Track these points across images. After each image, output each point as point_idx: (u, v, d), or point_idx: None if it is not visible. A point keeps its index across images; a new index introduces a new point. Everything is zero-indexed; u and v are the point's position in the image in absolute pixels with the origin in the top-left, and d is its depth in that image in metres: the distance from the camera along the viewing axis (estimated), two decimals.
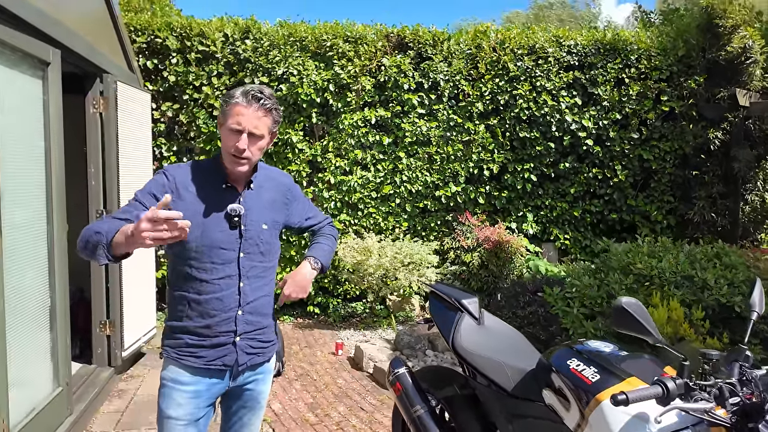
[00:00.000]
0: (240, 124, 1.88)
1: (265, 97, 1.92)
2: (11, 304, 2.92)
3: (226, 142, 1.92)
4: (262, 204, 2.06)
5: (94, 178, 4.46)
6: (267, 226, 2.05)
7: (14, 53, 2.98)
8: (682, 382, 1.55)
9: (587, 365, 1.89)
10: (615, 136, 6.73)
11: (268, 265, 2.08)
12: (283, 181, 2.19)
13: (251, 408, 2.17)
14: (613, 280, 4.57)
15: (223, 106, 1.94)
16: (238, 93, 1.91)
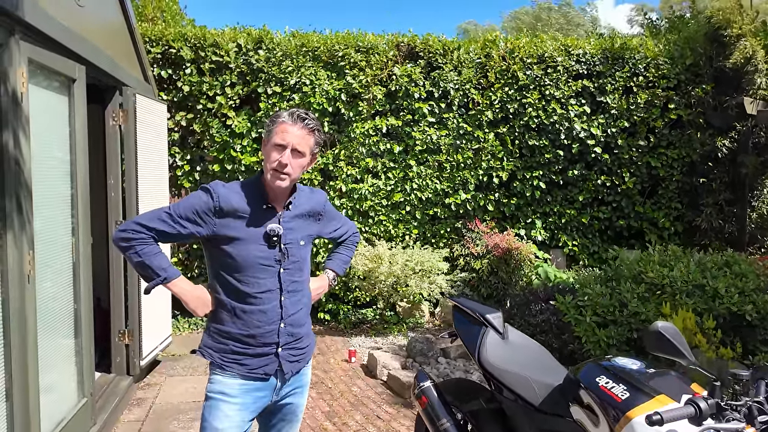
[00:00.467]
0: (284, 140, 1.99)
1: (309, 118, 2.05)
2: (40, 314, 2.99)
3: (270, 158, 2.01)
4: (299, 224, 2.15)
5: (113, 189, 4.53)
6: (303, 243, 2.16)
7: (43, 71, 3.04)
8: (714, 402, 1.60)
9: (616, 382, 1.95)
10: (623, 144, 6.79)
11: (304, 277, 2.20)
12: (318, 198, 2.28)
13: (289, 421, 2.26)
14: (625, 289, 4.63)
15: (269, 126, 2.06)
16: (284, 113, 2.04)
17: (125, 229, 1.98)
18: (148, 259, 1.98)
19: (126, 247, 1.98)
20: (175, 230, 2.00)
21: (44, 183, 3.08)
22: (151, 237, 1.99)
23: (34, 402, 2.77)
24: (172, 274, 2.03)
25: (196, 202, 2.01)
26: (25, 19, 2.59)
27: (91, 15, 3.79)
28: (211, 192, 2.01)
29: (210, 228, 2.00)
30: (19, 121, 2.63)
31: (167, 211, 2.01)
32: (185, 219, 1.99)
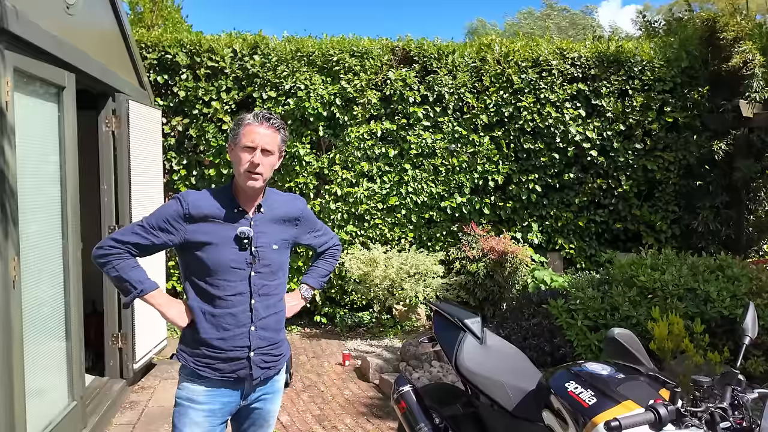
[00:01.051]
0: (253, 141, 2.04)
1: (274, 117, 2.10)
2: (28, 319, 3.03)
3: (241, 160, 2.05)
4: (272, 226, 2.17)
5: (106, 195, 4.57)
6: (277, 247, 2.17)
7: (31, 80, 3.09)
8: (674, 408, 1.61)
9: (585, 388, 1.96)
10: (619, 147, 6.78)
11: (278, 282, 2.20)
12: (295, 203, 2.30)
13: (260, 426, 2.27)
14: (617, 293, 4.63)
15: (235, 130, 2.10)
16: (249, 116, 2.10)
17: (101, 246, 2.04)
18: (124, 273, 2.03)
19: (103, 263, 2.04)
20: (148, 241, 2.04)
21: (33, 189, 3.13)
22: (126, 251, 2.05)
23: (20, 407, 2.80)
24: (149, 286, 2.07)
25: (166, 211, 2.05)
26: (9, 29, 2.64)
27: (82, 23, 3.83)
28: (180, 200, 2.05)
29: (181, 235, 2.04)
30: (4, 129, 2.67)
31: (140, 224, 2.06)
32: (157, 229, 2.04)
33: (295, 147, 6.39)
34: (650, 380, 1.96)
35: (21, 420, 2.81)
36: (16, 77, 2.83)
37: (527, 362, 2.56)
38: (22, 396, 2.83)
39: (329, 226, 6.45)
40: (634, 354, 1.67)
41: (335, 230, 6.53)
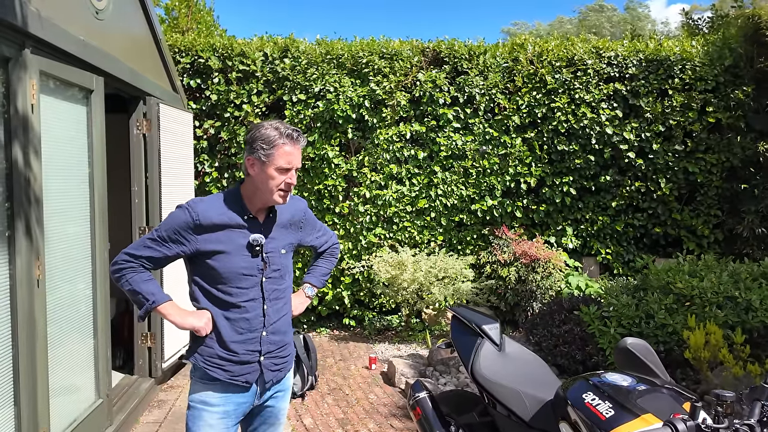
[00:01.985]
0: (290, 162, 2.04)
1: (299, 132, 2.09)
2: (54, 318, 3.09)
3: (275, 180, 2.03)
4: (279, 231, 2.17)
5: (137, 196, 4.66)
6: (285, 251, 2.18)
7: (60, 83, 3.16)
8: (693, 423, 1.51)
9: (602, 400, 1.86)
10: (658, 149, 6.54)
11: (286, 285, 2.21)
12: (298, 206, 2.29)
13: (271, 424, 2.27)
14: (652, 300, 4.45)
15: (264, 149, 2.02)
16: (280, 135, 2.02)
17: (116, 261, 2.07)
18: (137, 286, 2.04)
19: (118, 278, 2.06)
20: (161, 253, 2.05)
21: (61, 190, 3.20)
22: (140, 265, 2.06)
23: (43, 403, 2.86)
24: (161, 299, 2.06)
25: (175, 222, 2.03)
26: (34, 34, 2.70)
27: (112, 28, 3.91)
28: (189, 210, 2.03)
29: (193, 245, 2.03)
30: (29, 131, 2.74)
31: (151, 237, 2.06)
32: (169, 240, 2.04)
33: (324, 149, 6.40)
34: (674, 393, 1.85)
35: (44, 416, 2.87)
36: (42, 80, 2.90)
37: (547, 371, 2.46)
38: (45, 393, 2.88)
39: (358, 228, 6.47)
40: (647, 365, 1.57)
41: (364, 233, 6.51)
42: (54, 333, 3.06)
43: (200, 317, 2.05)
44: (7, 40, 2.58)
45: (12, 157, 2.63)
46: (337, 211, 6.53)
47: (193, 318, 2.05)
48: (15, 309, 2.67)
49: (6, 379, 2.65)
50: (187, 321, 2.04)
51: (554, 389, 2.23)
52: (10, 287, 2.66)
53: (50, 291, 3.01)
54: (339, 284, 6.65)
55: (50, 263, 3.01)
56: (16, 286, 2.66)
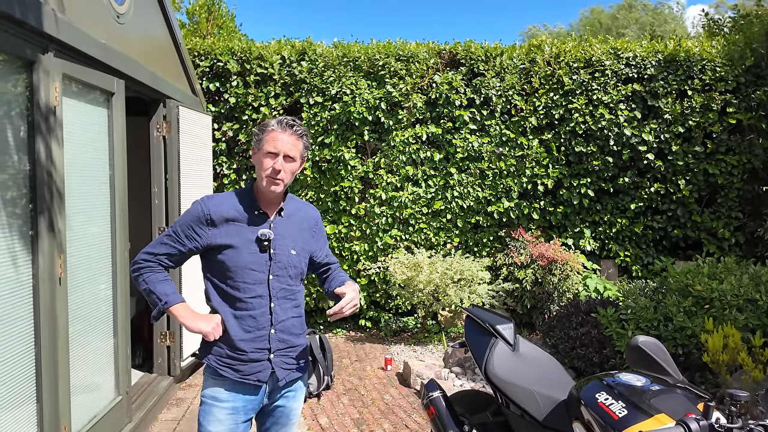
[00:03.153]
0: (276, 147, 2.06)
1: (297, 124, 2.11)
2: (76, 316, 3.16)
3: (263, 165, 2.07)
4: (291, 231, 2.18)
5: (157, 197, 4.73)
6: (295, 252, 2.18)
7: (82, 86, 3.24)
8: (707, 423, 1.50)
9: (616, 400, 1.85)
10: (678, 150, 6.47)
11: (296, 288, 2.21)
12: (311, 213, 2.31)
13: (284, 425, 2.27)
14: (671, 302, 4.41)
15: (258, 135, 2.12)
16: (273, 122, 2.10)
17: (135, 261, 2.12)
18: (152, 286, 2.08)
19: (136, 277, 2.11)
20: (176, 250, 2.10)
21: (82, 190, 3.27)
22: (157, 263, 2.11)
23: (65, 401, 2.92)
24: (173, 300, 2.08)
25: (188, 217, 2.09)
26: (57, 37, 2.77)
27: (133, 32, 3.99)
28: (201, 205, 2.08)
29: (205, 240, 2.07)
30: (52, 133, 2.80)
31: (167, 234, 2.11)
32: (183, 236, 2.08)
33: (340, 151, 6.43)
34: (688, 393, 1.84)
35: (65, 412, 2.93)
36: (65, 83, 2.97)
37: (561, 371, 2.46)
38: (66, 389, 2.95)
39: (374, 230, 6.50)
40: (659, 363, 1.56)
41: (380, 234, 6.53)
42: (75, 331, 3.13)
43: (209, 322, 2.06)
44: (31, 44, 2.65)
45: (35, 158, 2.70)
46: (353, 212, 6.56)
47: (202, 322, 2.06)
48: (38, 307, 2.73)
49: (29, 375, 2.71)
50: (196, 324, 2.06)
51: (568, 389, 2.22)
52: (33, 285, 2.72)
53: (72, 290, 3.07)
54: None
55: (72, 262, 3.08)
56: (39, 284, 2.73)
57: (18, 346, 2.63)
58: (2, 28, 2.43)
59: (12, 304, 2.58)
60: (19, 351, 2.64)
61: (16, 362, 2.61)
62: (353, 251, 6.59)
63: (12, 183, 2.58)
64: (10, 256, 2.56)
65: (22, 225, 2.66)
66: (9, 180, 2.56)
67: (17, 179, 2.62)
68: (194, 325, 2.06)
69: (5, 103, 2.54)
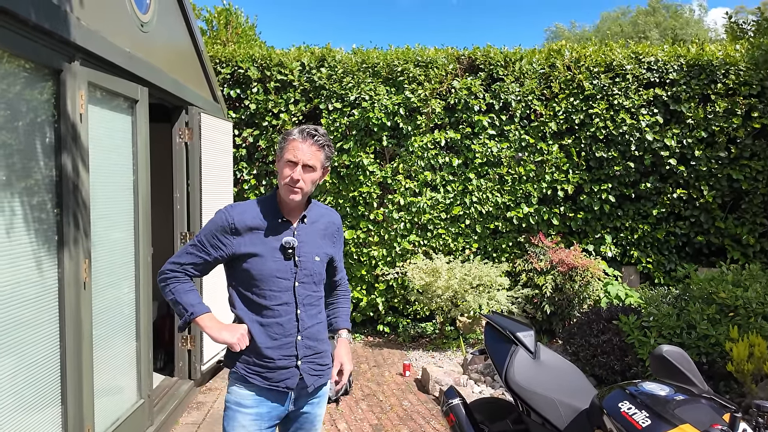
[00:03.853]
0: (296, 156, 2.06)
1: (319, 134, 2.10)
2: (100, 320, 3.21)
3: (283, 174, 2.09)
4: (314, 238, 2.19)
5: (179, 203, 4.79)
6: (319, 258, 2.19)
7: (107, 94, 3.30)
8: None
9: (639, 409, 1.83)
10: (701, 155, 6.38)
11: (320, 294, 2.23)
12: (334, 219, 2.32)
13: (307, 430, 2.27)
14: (694, 310, 4.34)
15: (281, 144, 2.13)
16: (295, 131, 2.11)
17: (162, 271, 2.14)
18: (179, 296, 2.10)
19: (163, 287, 2.13)
20: (201, 259, 2.11)
21: (106, 196, 3.32)
22: (183, 273, 2.13)
23: (88, 402, 2.96)
24: (199, 310, 2.09)
25: (213, 227, 2.11)
26: (84, 47, 2.83)
27: (156, 40, 4.06)
28: (225, 214, 2.10)
29: (230, 249, 2.09)
30: (78, 139, 2.86)
31: (193, 243, 2.13)
32: (208, 245, 2.10)
33: (359, 157, 6.46)
34: (713, 403, 1.80)
35: (89, 415, 2.97)
36: (90, 91, 3.03)
37: (583, 379, 2.43)
38: (90, 392, 2.99)
39: (392, 235, 6.50)
40: (684, 373, 1.53)
41: (398, 239, 6.54)
42: (99, 334, 3.18)
43: (234, 332, 2.06)
44: (58, 53, 2.71)
45: (61, 164, 2.75)
46: (371, 217, 6.57)
47: (227, 333, 2.06)
48: (63, 310, 2.78)
49: (54, 378, 2.76)
50: (222, 335, 2.06)
51: (590, 398, 2.20)
52: (59, 289, 2.77)
53: (96, 294, 3.12)
54: (373, 291, 6.68)
55: (96, 267, 3.13)
56: (65, 288, 2.78)
57: (44, 348, 2.68)
58: (32, 39, 2.50)
59: (38, 308, 2.63)
60: (45, 354, 2.69)
61: (42, 365, 2.66)
62: (371, 256, 6.60)
63: (39, 188, 2.64)
64: (36, 261, 2.61)
65: (48, 230, 2.71)
66: (36, 185, 2.62)
67: (44, 185, 2.68)
68: (219, 336, 2.07)
69: (33, 110, 2.60)
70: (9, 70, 2.44)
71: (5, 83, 2.42)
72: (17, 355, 2.49)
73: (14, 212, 2.46)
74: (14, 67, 2.48)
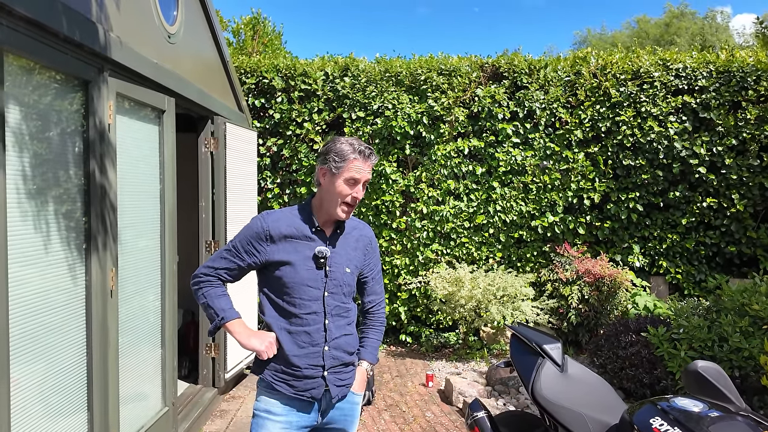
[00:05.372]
0: (359, 175, 2.11)
1: (373, 153, 2.16)
2: (126, 328, 3.24)
3: (341, 191, 2.10)
4: (346, 249, 2.21)
5: (204, 211, 4.84)
6: (349, 270, 2.20)
7: (135, 104, 3.35)
8: None
9: (671, 425, 1.77)
10: (731, 163, 6.23)
11: (349, 305, 2.23)
12: (366, 232, 2.33)
13: None
14: (726, 322, 4.22)
15: (336, 161, 2.11)
16: (353, 150, 2.11)
17: (195, 274, 2.17)
18: (211, 300, 2.14)
19: (196, 290, 2.17)
20: (235, 264, 2.14)
21: (134, 205, 3.37)
22: (217, 278, 2.16)
23: (114, 409, 2.99)
24: (230, 315, 2.13)
25: (248, 233, 2.13)
26: (113, 58, 2.88)
27: (183, 51, 4.11)
28: (260, 221, 2.13)
29: (264, 256, 2.11)
30: (106, 149, 2.91)
31: (227, 248, 2.16)
32: (243, 251, 2.12)
33: (381, 165, 6.45)
34: (750, 421, 1.74)
35: (114, 422, 3.00)
36: (118, 101, 3.08)
37: (612, 394, 2.37)
38: (116, 399, 3.02)
39: (414, 244, 6.47)
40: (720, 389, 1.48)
41: (421, 248, 6.50)
42: (125, 342, 3.21)
43: (263, 340, 2.08)
44: (88, 64, 2.76)
45: (90, 173, 2.80)
46: (394, 226, 6.55)
47: (256, 340, 2.09)
48: (90, 317, 2.81)
49: (81, 384, 2.79)
50: (250, 342, 2.09)
51: (619, 413, 2.14)
52: (86, 297, 2.81)
53: (122, 301, 3.16)
54: (396, 300, 6.65)
55: (123, 274, 3.17)
56: (92, 296, 2.81)
57: (71, 355, 2.71)
58: (62, 50, 2.55)
59: (66, 315, 2.67)
60: (72, 360, 2.72)
61: (69, 371, 2.69)
62: (394, 265, 6.58)
63: (68, 197, 2.68)
64: (65, 269, 2.65)
65: (77, 238, 2.75)
66: (65, 194, 2.66)
67: (73, 194, 2.72)
68: (248, 342, 2.09)
69: (63, 120, 2.65)
70: (41, 82, 2.50)
71: (37, 94, 2.47)
72: (46, 361, 2.52)
73: (45, 221, 2.50)
74: (45, 79, 2.53)
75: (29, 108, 2.41)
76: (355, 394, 2.24)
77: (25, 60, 2.36)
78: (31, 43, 2.34)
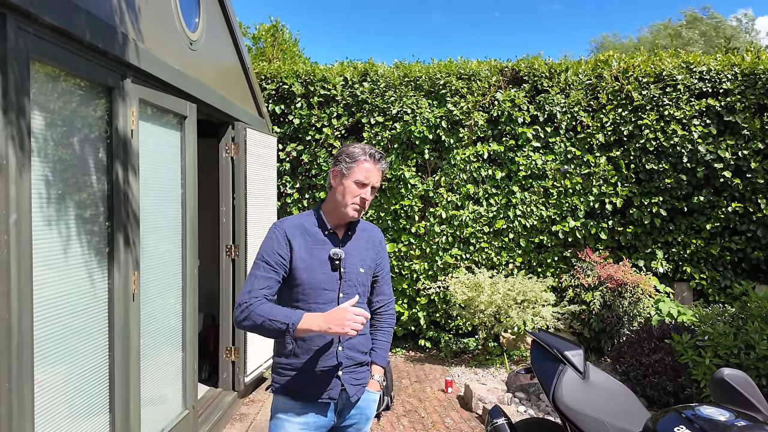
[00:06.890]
0: (368, 178, 2.15)
1: (383, 156, 2.19)
2: (147, 331, 3.28)
3: (351, 192, 2.14)
4: (359, 250, 2.23)
5: (225, 216, 4.88)
6: (363, 270, 2.22)
7: (157, 110, 3.39)
8: None
9: None
10: (757, 168, 6.10)
11: (362, 306, 2.23)
12: (375, 234, 2.36)
13: None
14: (753, 329, 4.13)
15: (347, 162, 2.14)
16: (363, 153, 2.15)
17: (239, 303, 2.03)
18: (268, 315, 1.97)
19: (246, 318, 2.00)
20: (272, 279, 2.07)
21: (156, 209, 3.41)
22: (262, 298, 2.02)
23: (135, 412, 3.02)
24: (296, 316, 1.97)
25: (273, 244, 2.12)
26: (135, 65, 2.92)
27: (204, 57, 4.16)
28: (277, 229, 2.15)
29: (288, 261, 2.11)
30: (129, 155, 2.95)
31: (256, 267, 2.09)
32: (274, 263, 2.09)
33: (400, 170, 6.45)
34: None
35: (135, 424, 3.03)
36: (141, 107, 3.12)
37: (635, 401, 2.33)
38: (137, 402, 3.05)
39: (433, 249, 6.45)
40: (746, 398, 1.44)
41: (440, 253, 6.48)
42: (146, 344, 3.24)
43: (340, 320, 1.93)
44: (111, 71, 2.81)
45: (113, 178, 2.84)
46: (413, 231, 6.54)
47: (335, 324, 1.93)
48: (112, 320, 2.85)
49: (103, 387, 2.82)
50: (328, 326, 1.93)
51: (642, 421, 2.10)
52: (108, 300, 2.85)
53: (144, 304, 3.19)
54: (415, 305, 6.63)
55: (144, 279, 3.21)
56: (114, 299, 2.85)
57: (93, 357, 2.75)
58: (86, 58, 2.59)
59: (89, 318, 2.70)
60: (95, 362, 2.76)
61: (91, 373, 2.73)
62: (413, 270, 6.56)
63: (91, 202, 2.72)
64: (87, 272, 2.69)
65: (100, 242, 2.79)
66: (89, 199, 2.70)
67: (96, 198, 2.76)
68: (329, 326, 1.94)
69: (86, 126, 2.69)
70: (65, 88, 2.54)
71: (62, 101, 2.51)
72: (69, 363, 2.56)
73: (68, 225, 2.54)
74: (70, 85, 2.57)
75: (54, 114, 2.45)
76: (371, 392, 2.26)
77: (50, 67, 2.41)
78: (56, 51, 2.38)
